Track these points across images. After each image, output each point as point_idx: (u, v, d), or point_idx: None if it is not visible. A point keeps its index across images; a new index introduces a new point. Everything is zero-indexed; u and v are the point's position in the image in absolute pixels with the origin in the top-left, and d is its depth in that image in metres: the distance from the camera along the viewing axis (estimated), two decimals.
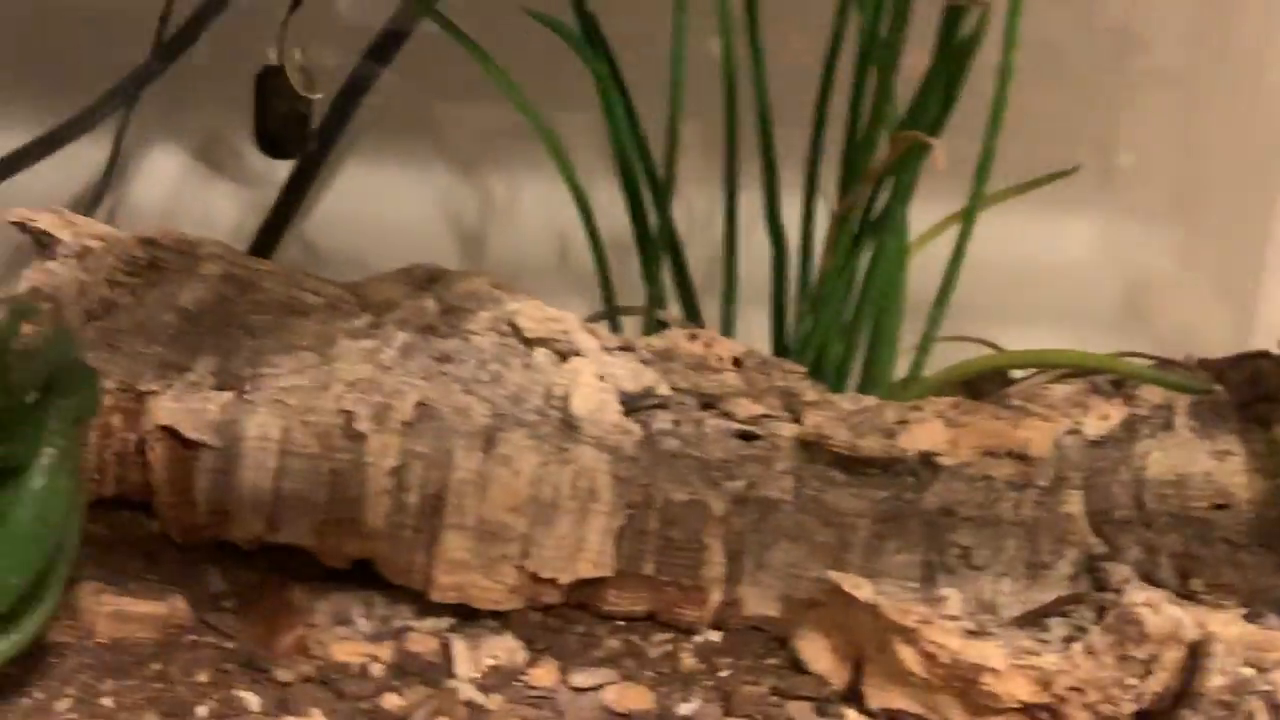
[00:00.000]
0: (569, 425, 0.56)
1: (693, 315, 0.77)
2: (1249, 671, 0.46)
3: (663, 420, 0.58)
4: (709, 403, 0.59)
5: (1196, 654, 0.48)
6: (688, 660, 0.56)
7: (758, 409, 0.58)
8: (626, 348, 0.61)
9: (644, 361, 0.60)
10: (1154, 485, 0.59)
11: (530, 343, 0.58)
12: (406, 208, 0.96)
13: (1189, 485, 0.59)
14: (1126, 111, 0.98)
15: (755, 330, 0.76)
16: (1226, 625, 0.48)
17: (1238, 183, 0.97)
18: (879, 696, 0.53)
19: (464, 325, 0.59)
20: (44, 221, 0.63)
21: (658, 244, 0.72)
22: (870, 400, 0.61)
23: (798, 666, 0.55)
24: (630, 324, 0.77)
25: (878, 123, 0.66)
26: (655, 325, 0.77)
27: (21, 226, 0.63)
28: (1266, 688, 0.46)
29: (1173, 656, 0.48)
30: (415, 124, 0.96)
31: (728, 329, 0.73)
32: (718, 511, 0.56)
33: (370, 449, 0.54)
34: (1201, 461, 0.59)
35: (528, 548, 0.54)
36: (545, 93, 0.75)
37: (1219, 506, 0.59)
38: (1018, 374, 0.78)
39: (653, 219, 0.73)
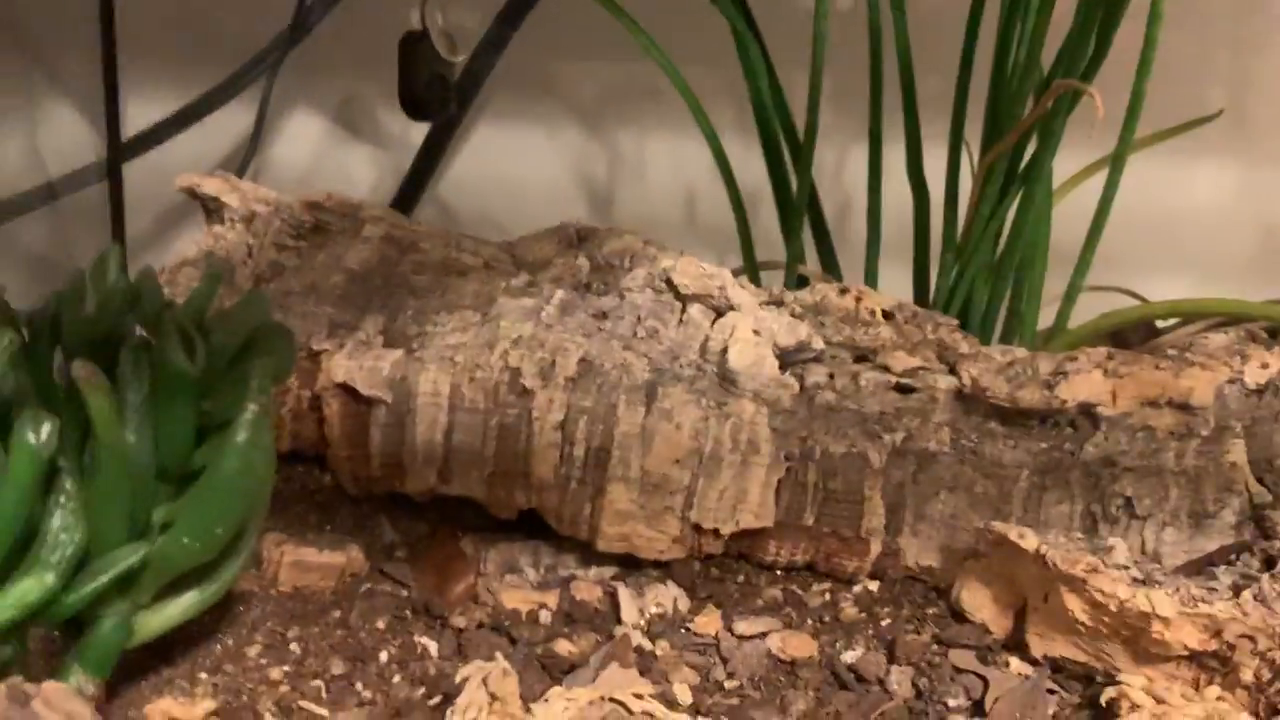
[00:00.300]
0: (727, 379, 0.57)
1: (831, 269, 0.77)
2: None
3: (818, 374, 0.59)
4: (863, 356, 0.60)
5: None
6: (848, 609, 0.56)
7: (913, 361, 0.59)
8: (778, 302, 0.62)
9: (796, 316, 0.61)
10: None
11: (685, 299, 0.59)
12: (540, 167, 0.98)
13: None
14: (1267, 56, 0.95)
15: (894, 284, 0.77)
16: None
17: None
18: (1043, 645, 0.53)
19: (620, 282, 0.60)
20: (211, 186, 0.66)
21: (797, 199, 0.73)
22: (1022, 352, 0.61)
23: (958, 616, 0.56)
24: (771, 280, 0.78)
25: (1028, 73, 0.65)
26: (798, 281, 0.77)
27: (191, 192, 0.66)
28: None
29: None
30: (546, 84, 0.97)
31: (871, 282, 0.74)
32: (876, 463, 0.56)
33: (537, 404, 0.55)
34: None
35: (690, 499, 0.55)
36: (680, 48, 0.75)
37: None
38: (1162, 324, 0.77)
39: (790, 174, 0.73)
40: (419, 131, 0.95)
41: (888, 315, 0.62)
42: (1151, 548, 0.55)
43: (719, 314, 0.59)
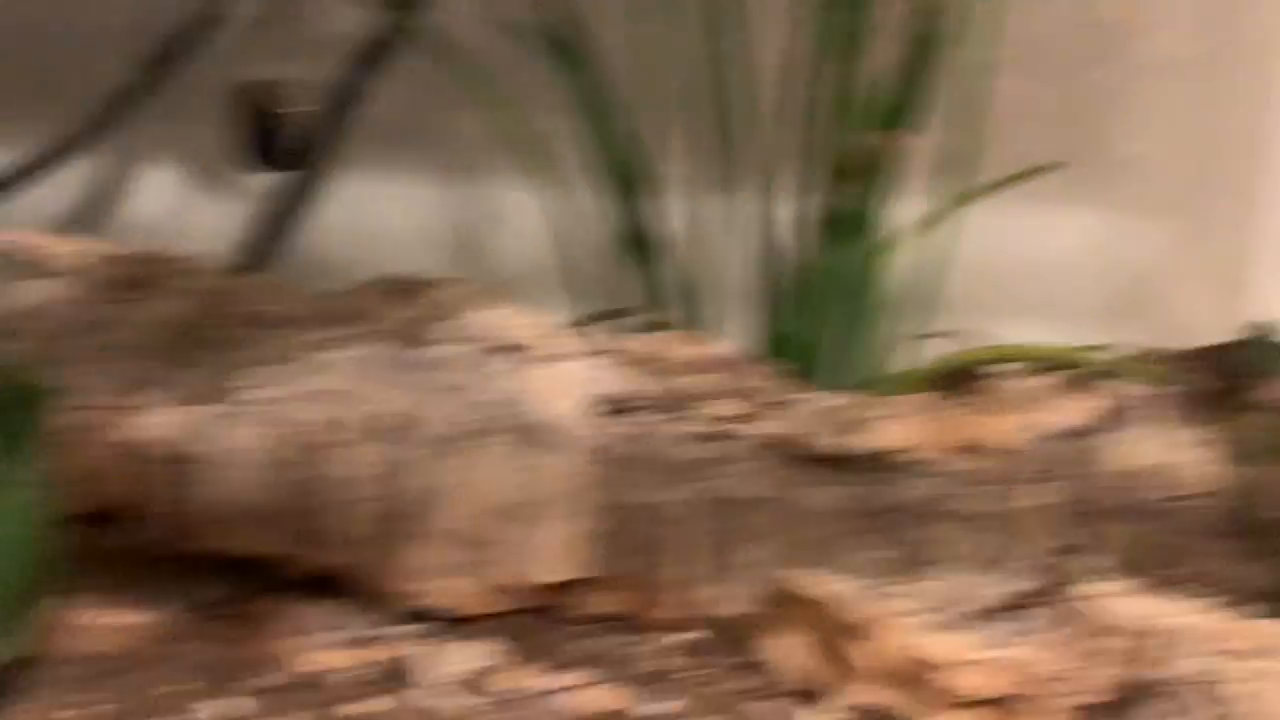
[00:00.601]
0: (541, 430, 0.56)
1: (691, 316, 0.78)
2: (1209, 661, 0.46)
3: (640, 423, 0.59)
4: (682, 404, 0.60)
5: (1154, 644, 0.48)
6: (661, 660, 0.56)
7: (728, 410, 0.59)
8: (603, 351, 0.62)
9: (621, 365, 0.61)
10: (1123, 476, 0.59)
11: (503, 349, 0.59)
12: (406, 217, 0.97)
13: (1160, 475, 0.59)
14: (1118, 106, 0.98)
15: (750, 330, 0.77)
16: (1184, 615, 0.48)
17: (1225, 174, 0.96)
18: (852, 693, 0.53)
19: (436, 333, 0.59)
20: (30, 241, 0.65)
21: (644, 247, 0.73)
22: (847, 398, 0.62)
23: (771, 665, 0.56)
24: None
25: (844, 121, 0.66)
26: (652, 328, 0.77)
27: (9, 247, 0.65)
28: (1217, 677, 0.46)
29: (1127, 647, 0.48)
30: (412, 132, 0.97)
31: (719, 330, 0.74)
32: (686, 512, 0.56)
33: (341, 459, 0.55)
34: (1172, 451, 0.59)
35: (498, 553, 0.55)
36: (541, 98, 0.76)
37: (1190, 496, 0.59)
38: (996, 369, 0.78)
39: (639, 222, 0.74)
40: (280, 183, 0.95)
41: (716, 363, 0.63)
42: (954, 592, 0.55)
43: (537, 363, 0.59)
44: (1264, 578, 0.57)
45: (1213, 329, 0.83)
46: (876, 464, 0.58)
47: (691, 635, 0.58)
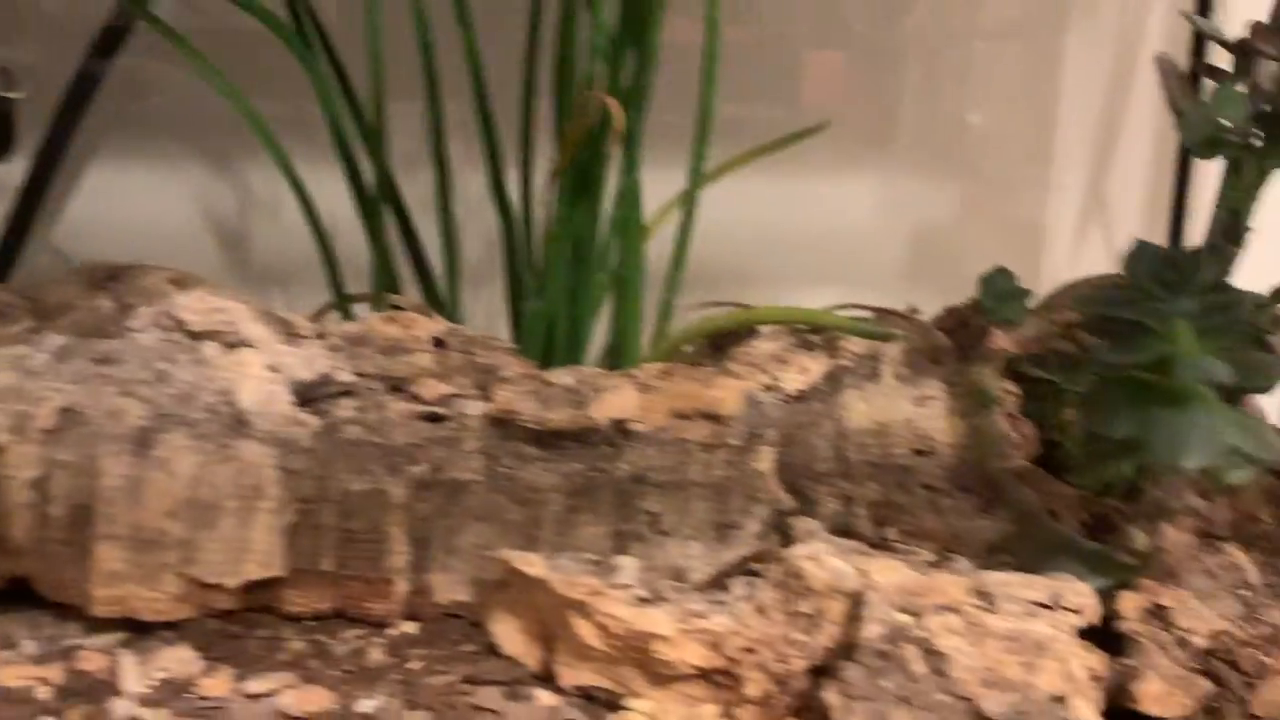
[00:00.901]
0: (237, 421, 0.53)
1: (434, 298, 0.75)
2: (905, 618, 0.45)
3: (345, 408, 0.56)
4: (396, 386, 0.57)
5: (867, 604, 0.47)
6: (376, 655, 0.53)
7: (446, 389, 0.56)
8: (311, 335, 0.59)
9: (334, 348, 0.58)
10: (855, 435, 0.58)
11: (197, 336, 0.55)
12: (165, 208, 0.93)
13: (890, 433, 0.58)
14: (904, 70, 0.98)
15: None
16: (885, 572, 0.47)
17: (1022, 135, 0.97)
18: (569, 674, 0.51)
19: (129, 323, 0.56)
20: None
21: (374, 228, 0.70)
22: (579, 371, 0.60)
23: (494, 650, 0.53)
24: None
25: (568, 89, 0.64)
26: (394, 308, 0.75)
27: None
28: (922, 634, 0.45)
29: (837, 609, 0.47)
30: (166, 120, 0.93)
31: (452, 309, 0.71)
32: (398, 499, 0.54)
33: (9, 461, 0.51)
34: (904, 409, 0.58)
35: (189, 553, 0.52)
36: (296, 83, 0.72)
37: (920, 452, 0.58)
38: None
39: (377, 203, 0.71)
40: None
41: (439, 343, 0.60)
42: (678, 563, 0.54)
43: (236, 351, 0.55)
44: (994, 530, 0.56)
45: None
46: (602, 437, 0.56)
47: (414, 626, 0.55)
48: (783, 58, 0.96)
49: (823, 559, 0.47)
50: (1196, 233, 0.94)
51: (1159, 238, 0.98)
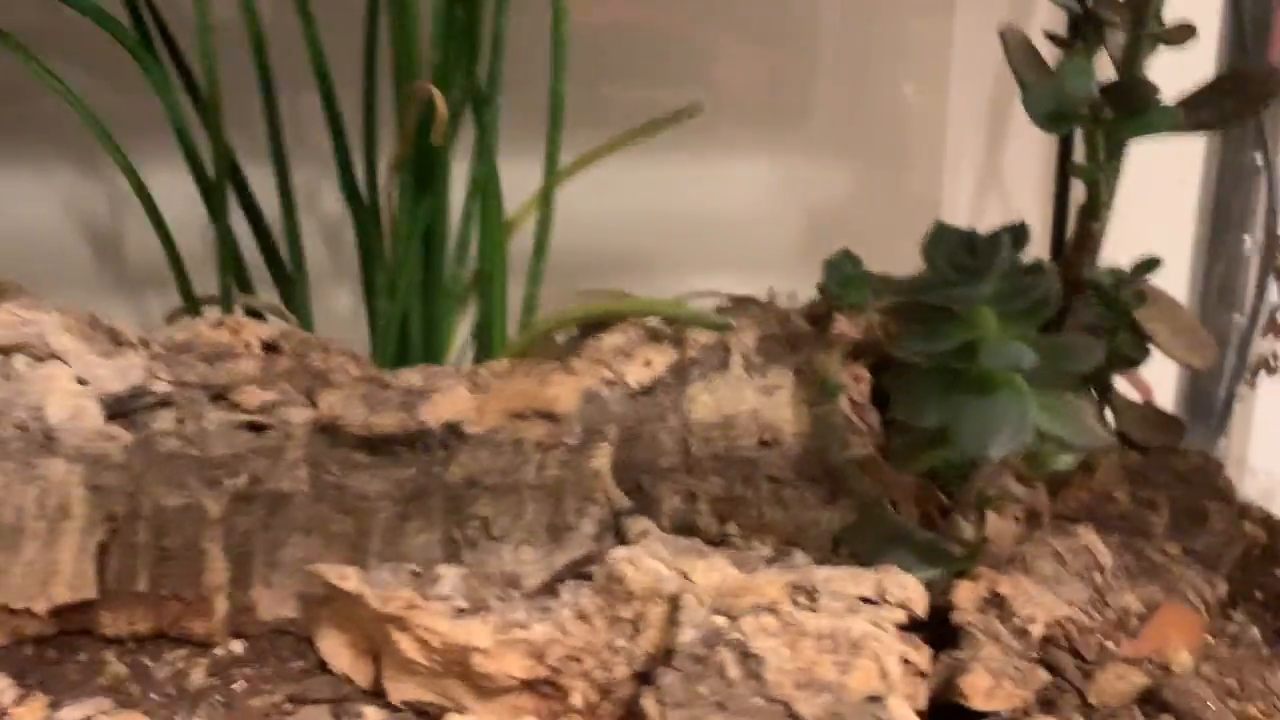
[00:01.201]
0: (46, 438, 0.51)
1: (292, 300, 0.73)
2: (721, 621, 0.44)
3: (162, 420, 0.53)
4: (219, 395, 0.55)
5: (688, 607, 0.45)
6: (198, 677, 0.51)
7: (269, 396, 0.54)
8: (135, 343, 0.56)
9: (155, 357, 0.56)
10: (700, 429, 0.56)
11: (6, 351, 0.53)
12: (35, 211, 0.90)
13: (736, 425, 0.56)
14: (797, 51, 0.96)
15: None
16: (706, 573, 0.45)
17: (911, 113, 0.96)
18: (397, 689, 0.49)
19: None
20: None
21: (221, 229, 0.68)
22: (429, 372, 0.58)
23: (324, 667, 0.51)
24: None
25: (406, 77, 0.62)
26: (249, 314, 0.72)
27: None
28: (738, 636, 0.43)
29: (657, 612, 0.45)
30: (35, 122, 0.90)
31: (303, 311, 0.69)
32: (215, 513, 0.52)
33: None
34: (750, 399, 0.57)
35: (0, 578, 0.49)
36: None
37: (766, 444, 0.56)
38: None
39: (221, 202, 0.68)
40: None
41: (271, 347, 0.58)
42: (511, 569, 0.52)
43: (45, 365, 0.53)
44: (838, 521, 0.55)
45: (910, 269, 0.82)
46: (436, 440, 0.54)
47: (241, 645, 0.53)
48: (676, 39, 0.95)
49: (641, 561, 0.46)
50: None
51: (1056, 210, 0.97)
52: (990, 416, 0.42)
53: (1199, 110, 0.59)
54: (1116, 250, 0.83)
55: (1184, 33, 0.57)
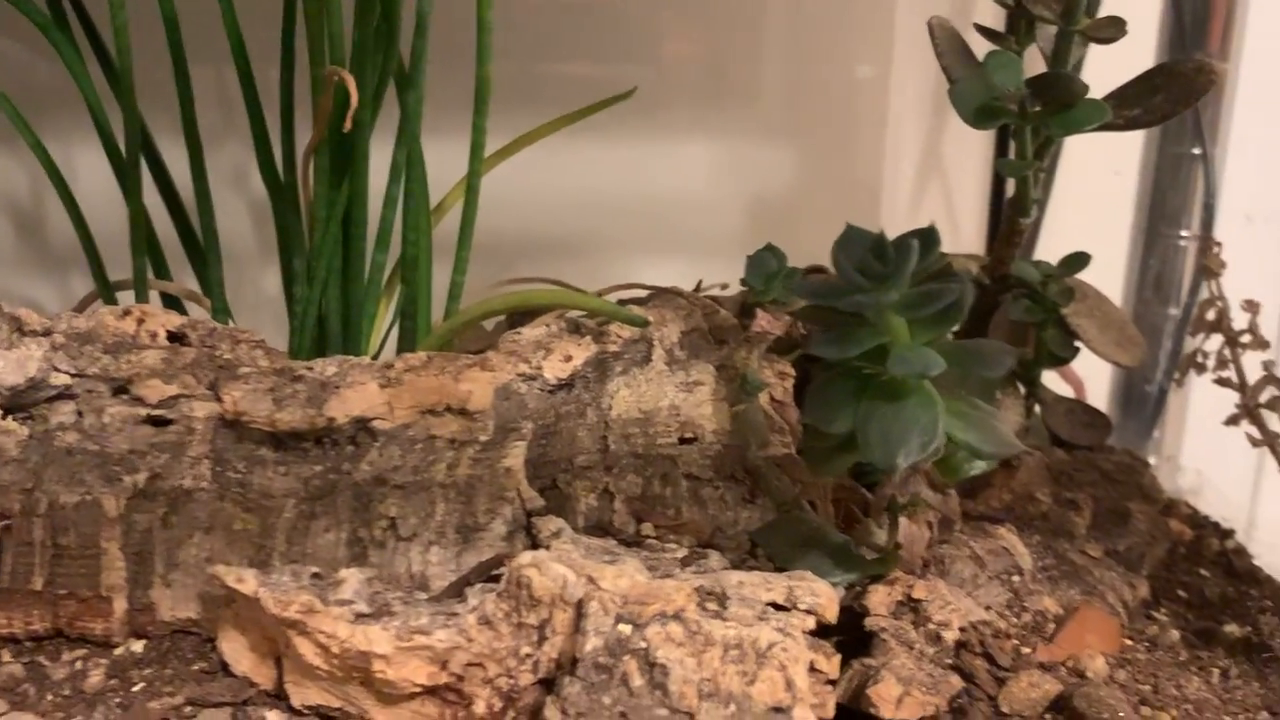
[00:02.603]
0: None
1: (210, 286, 0.71)
2: (626, 629, 0.43)
3: (63, 413, 0.52)
4: (121, 388, 0.53)
5: (591, 612, 0.44)
6: (96, 678, 0.50)
7: (172, 390, 0.52)
8: (40, 331, 0.54)
9: (57, 346, 0.54)
10: (619, 425, 0.55)
11: None
12: None
13: (656, 421, 0.55)
14: (741, 35, 0.95)
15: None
16: (614, 579, 0.44)
17: (853, 98, 0.95)
18: (299, 693, 0.48)
19: None
20: None
21: (133, 211, 0.65)
22: (347, 363, 0.56)
23: (226, 669, 0.50)
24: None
25: (322, 59, 0.60)
26: (168, 301, 0.71)
27: None
28: (642, 645, 0.42)
29: (563, 618, 0.44)
30: None
31: (218, 297, 0.67)
32: (113, 511, 0.50)
33: None
34: (671, 395, 0.56)
35: None
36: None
37: (686, 441, 0.55)
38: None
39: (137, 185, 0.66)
40: None
41: (177, 337, 0.56)
42: (419, 570, 0.51)
43: None
44: (758, 520, 0.54)
45: None
46: (343, 436, 0.52)
47: (142, 645, 0.52)
48: (620, 20, 0.93)
49: (547, 567, 0.44)
50: None
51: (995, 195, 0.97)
52: (899, 424, 0.41)
53: (1128, 105, 0.58)
54: (1055, 244, 0.83)
55: (1113, 28, 0.57)
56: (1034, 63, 0.61)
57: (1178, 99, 0.57)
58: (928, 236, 0.40)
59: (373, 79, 0.61)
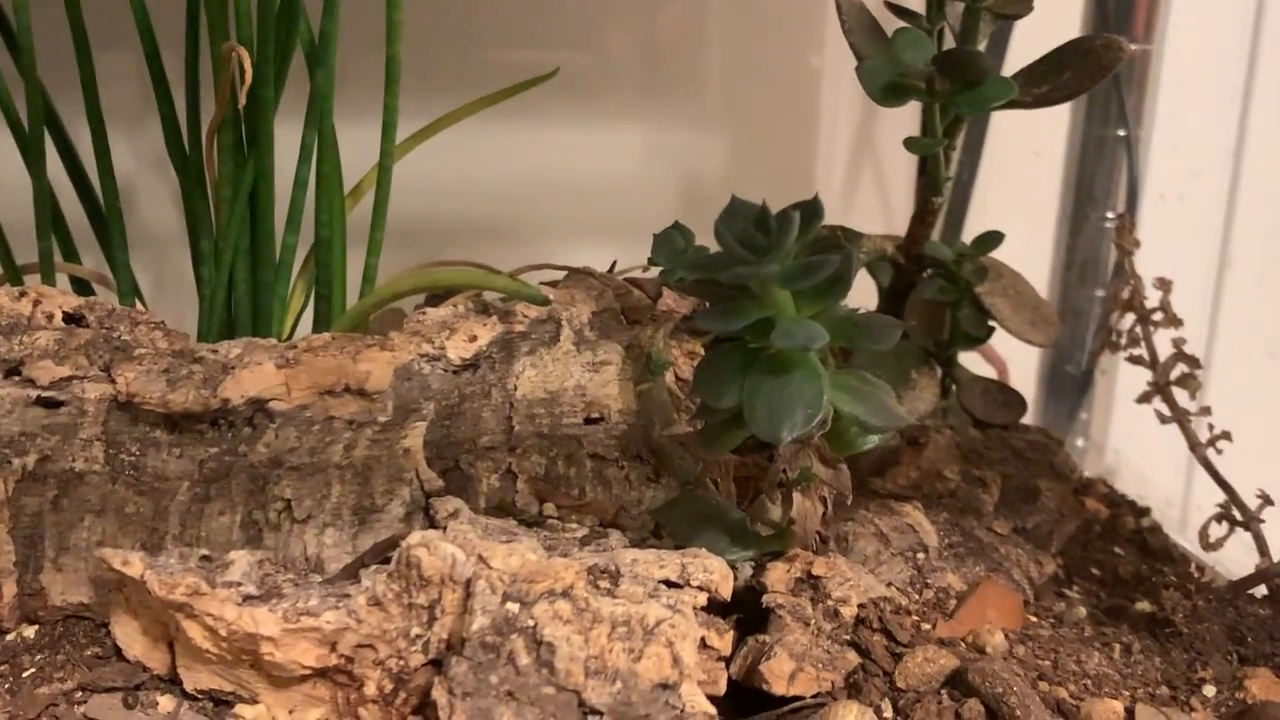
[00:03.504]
0: None
1: (122, 268, 0.69)
2: (513, 607, 0.42)
3: None
4: (12, 369, 0.52)
5: (479, 592, 0.44)
6: None
7: (64, 371, 0.51)
8: None
9: None
10: (524, 405, 0.55)
11: None
12: None
13: (561, 401, 0.55)
14: (675, 17, 0.94)
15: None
16: (503, 558, 0.44)
17: (785, 85, 0.95)
18: (190, 677, 0.47)
19: None
20: None
21: (36, 190, 0.64)
22: (251, 345, 0.55)
23: (120, 654, 0.49)
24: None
25: (221, 35, 0.59)
26: (78, 285, 0.69)
27: None
28: (530, 623, 0.42)
29: (452, 598, 0.44)
30: None
31: (124, 278, 0.66)
32: (2, 494, 0.49)
33: None
34: (577, 375, 0.55)
35: None
36: None
37: (591, 421, 0.55)
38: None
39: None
40: None
41: (74, 318, 0.55)
42: (314, 552, 0.50)
43: None
44: (662, 500, 0.53)
45: None
46: (239, 418, 0.51)
47: (31, 630, 0.51)
48: (555, 5, 0.93)
49: (435, 545, 0.44)
50: None
51: None
52: (784, 397, 0.40)
53: (1037, 83, 0.58)
54: (983, 225, 0.83)
55: (1019, 4, 0.56)
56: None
57: (1086, 75, 0.57)
58: (809, 208, 0.40)
59: (276, 56, 0.60)
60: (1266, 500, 0.58)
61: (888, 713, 0.44)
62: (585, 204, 0.97)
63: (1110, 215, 0.87)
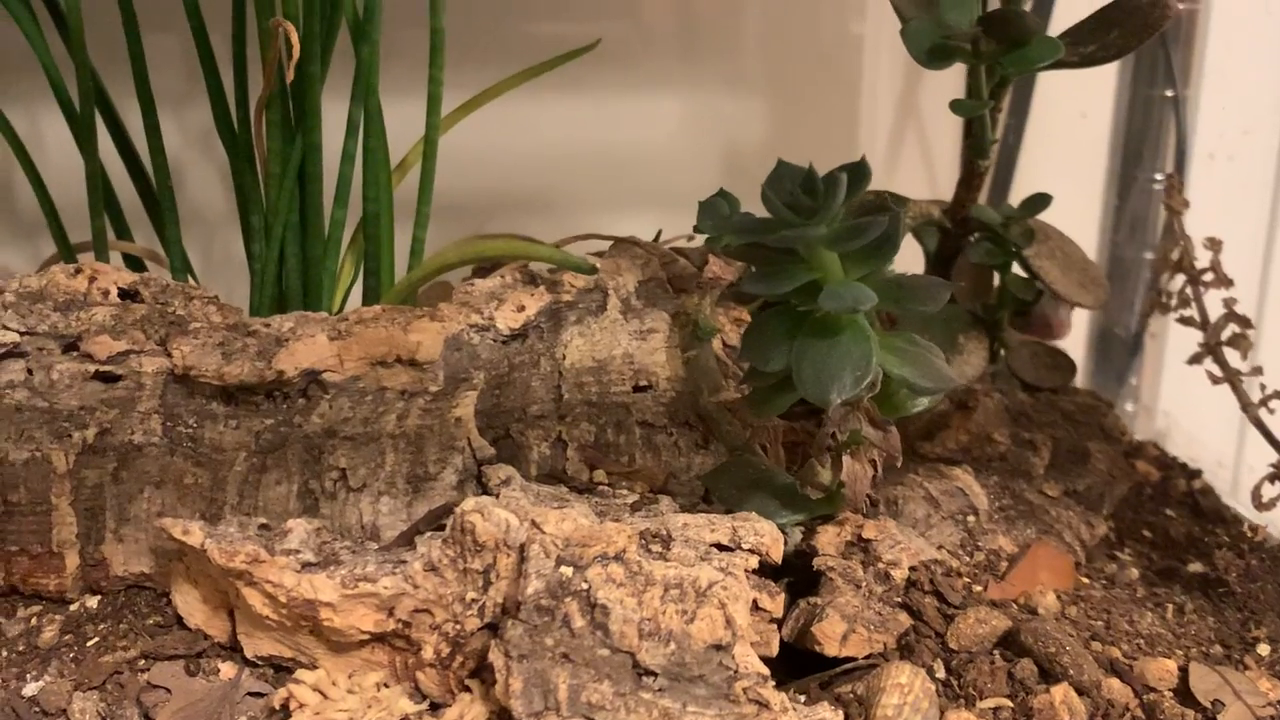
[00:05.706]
0: None
1: (173, 246, 0.70)
2: (567, 571, 0.43)
3: (11, 370, 0.51)
4: (71, 345, 0.53)
5: (533, 557, 0.44)
6: (51, 633, 0.50)
7: (121, 346, 0.52)
8: None
9: (6, 305, 0.54)
10: (573, 374, 0.55)
11: None
12: None
13: (610, 370, 0.55)
14: None
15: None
16: (556, 523, 0.44)
17: (827, 50, 0.94)
18: (251, 644, 0.48)
19: None
20: None
21: (90, 171, 0.65)
22: (304, 319, 0.56)
23: (181, 622, 0.50)
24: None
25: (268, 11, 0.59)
26: (130, 263, 0.71)
27: None
28: (583, 586, 0.42)
29: (507, 563, 0.44)
30: None
31: (176, 254, 0.67)
32: (63, 467, 0.50)
33: None
34: (624, 343, 0.56)
35: None
36: None
37: (640, 389, 0.55)
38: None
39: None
40: None
41: (129, 294, 0.56)
42: (369, 520, 0.51)
43: None
44: (710, 466, 0.54)
45: None
46: (293, 389, 0.52)
47: (97, 600, 0.52)
48: None
49: (490, 512, 0.44)
50: None
51: None
52: (833, 360, 0.40)
53: (1083, 42, 0.57)
54: (1030, 187, 0.82)
55: None
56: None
57: (1133, 34, 0.57)
58: (856, 170, 0.40)
59: (321, 31, 0.61)
60: None
61: (940, 673, 0.45)
62: (628, 174, 0.97)
63: (1158, 176, 0.86)
